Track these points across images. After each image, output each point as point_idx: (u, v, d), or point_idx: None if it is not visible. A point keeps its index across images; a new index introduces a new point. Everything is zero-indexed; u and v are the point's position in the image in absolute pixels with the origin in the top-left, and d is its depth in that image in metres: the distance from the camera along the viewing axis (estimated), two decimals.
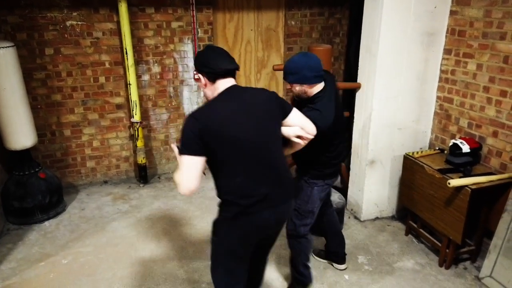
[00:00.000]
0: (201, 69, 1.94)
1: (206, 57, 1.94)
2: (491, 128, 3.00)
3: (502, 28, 2.82)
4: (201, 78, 1.95)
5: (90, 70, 4.05)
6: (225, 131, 1.82)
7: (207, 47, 2.02)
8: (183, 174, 1.79)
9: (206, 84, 1.94)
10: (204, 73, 1.93)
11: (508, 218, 2.70)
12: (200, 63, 1.94)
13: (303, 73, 2.26)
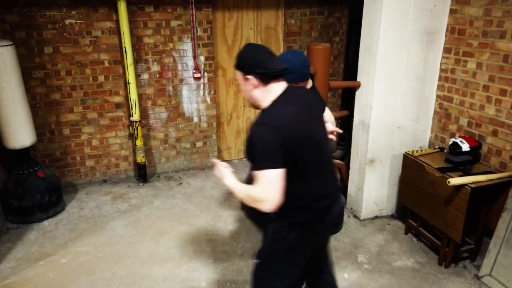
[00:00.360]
0: (252, 70, 1.78)
1: (257, 57, 1.80)
2: (490, 127, 3.00)
3: (502, 26, 2.82)
4: (252, 79, 1.79)
5: (89, 69, 4.04)
6: (301, 135, 1.75)
7: (249, 46, 1.88)
8: (269, 189, 1.66)
9: (256, 86, 1.80)
10: (255, 74, 1.78)
11: (508, 217, 2.70)
12: (250, 63, 1.79)
13: (302, 70, 2.25)
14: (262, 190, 1.68)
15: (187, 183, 4.43)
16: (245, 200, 1.78)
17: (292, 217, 1.84)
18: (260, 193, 1.69)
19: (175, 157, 4.68)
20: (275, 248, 1.95)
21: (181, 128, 4.59)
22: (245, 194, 1.76)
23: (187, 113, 4.53)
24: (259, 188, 1.69)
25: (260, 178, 1.68)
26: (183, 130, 4.60)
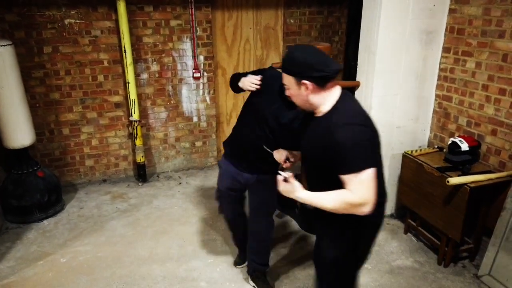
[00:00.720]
0: (308, 74, 1.67)
1: (311, 59, 1.68)
2: (490, 126, 3.00)
3: (501, 26, 2.82)
4: (307, 84, 1.68)
5: (89, 69, 4.04)
6: (378, 132, 1.75)
7: (298, 47, 1.80)
8: (369, 190, 1.61)
9: (312, 90, 1.69)
10: (312, 78, 1.67)
11: (507, 216, 2.70)
12: (304, 67, 1.67)
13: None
14: (363, 192, 1.61)
15: (186, 183, 4.43)
16: (338, 209, 1.66)
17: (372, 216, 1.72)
18: (362, 196, 1.61)
19: (175, 157, 4.68)
20: (344, 257, 1.90)
21: (180, 128, 4.59)
22: (339, 202, 1.64)
23: (186, 112, 4.53)
24: (360, 191, 1.60)
25: (358, 180, 1.60)
26: (183, 129, 4.60)
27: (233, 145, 2.53)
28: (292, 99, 1.83)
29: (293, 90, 1.76)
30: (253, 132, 2.34)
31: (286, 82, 1.77)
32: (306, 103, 1.76)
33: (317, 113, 1.78)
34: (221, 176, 2.62)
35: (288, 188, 1.75)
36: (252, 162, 2.45)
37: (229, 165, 2.54)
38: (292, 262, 3.10)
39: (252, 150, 2.38)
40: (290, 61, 1.73)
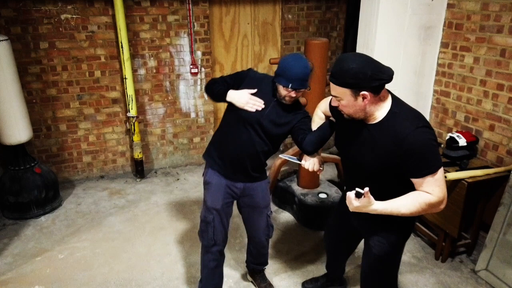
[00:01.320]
0: (367, 84, 1.62)
1: (371, 68, 1.63)
2: (487, 121, 3.00)
3: (499, 21, 2.81)
4: (366, 95, 1.64)
5: (86, 64, 4.02)
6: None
7: (349, 57, 1.68)
8: (443, 187, 1.69)
9: (370, 99, 1.66)
10: (371, 89, 1.63)
11: (504, 211, 2.70)
12: (365, 78, 1.61)
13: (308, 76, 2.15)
14: (440, 191, 1.68)
15: (184, 179, 4.43)
16: (416, 212, 1.70)
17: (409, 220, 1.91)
18: (439, 195, 1.68)
19: (173, 153, 4.67)
20: (401, 247, 2.04)
21: (178, 124, 4.58)
22: (417, 206, 1.68)
23: (184, 108, 4.52)
24: (437, 190, 1.67)
25: (434, 180, 1.66)
26: (180, 125, 4.59)
27: (224, 155, 2.31)
28: (342, 110, 1.78)
29: (347, 101, 1.70)
30: (250, 139, 2.21)
31: (339, 94, 1.71)
32: (360, 112, 1.73)
33: (370, 120, 1.76)
34: (213, 193, 2.35)
35: (364, 203, 1.69)
36: (247, 171, 2.32)
37: (220, 178, 2.33)
38: (290, 258, 3.11)
39: (249, 158, 2.27)
40: (346, 73, 1.64)
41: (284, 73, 2.07)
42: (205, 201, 2.40)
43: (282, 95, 2.13)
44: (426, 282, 2.84)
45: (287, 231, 3.45)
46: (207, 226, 2.40)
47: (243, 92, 2.18)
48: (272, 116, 2.18)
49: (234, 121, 2.25)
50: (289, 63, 2.07)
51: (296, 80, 2.05)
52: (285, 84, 2.07)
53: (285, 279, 2.88)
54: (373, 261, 2.07)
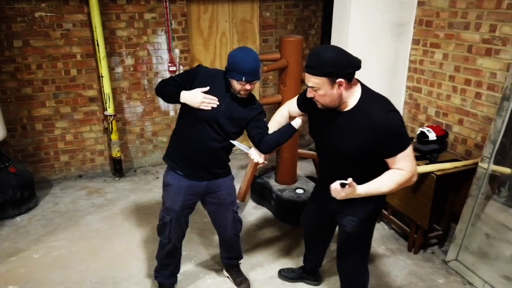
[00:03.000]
0: (343, 72, 1.74)
1: (345, 56, 1.76)
2: (457, 116, 3.08)
3: (466, 18, 2.90)
4: (342, 82, 1.75)
5: (61, 63, 3.98)
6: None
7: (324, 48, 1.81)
8: (414, 161, 1.85)
9: (345, 87, 1.78)
10: (345, 76, 1.75)
11: (472, 203, 2.79)
12: (340, 66, 1.73)
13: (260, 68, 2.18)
14: (412, 165, 1.83)
15: None
16: (394, 189, 1.86)
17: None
18: (411, 169, 1.83)
19: (152, 151, 4.66)
20: (372, 223, 2.17)
21: (157, 122, 4.57)
22: (395, 183, 1.83)
23: (163, 106, 4.51)
24: (409, 165, 1.82)
25: (406, 156, 1.81)
26: (160, 124, 4.59)
27: (184, 156, 2.31)
28: (318, 100, 1.86)
29: (324, 90, 1.79)
30: (208, 137, 2.23)
31: (316, 84, 1.79)
32: (336, 101, 1.82)
33: (343, 108, 1.87)
34: (172, 195, 2.36)
35: (350, 191, 1.78)
36: (210, 168, 2.34)
37: (181, 179, 2.34)
38: (267, 252, 3.14)
39: (210, 155, 2.28)
40: (324, 63, 1.74)
41: (236, 68, 2.08)
42: (164, 202, 2.43)
43: (237, 90, 2.15)
44: (399, 273, 2.91)
45: (264, 227, 3.49)
46: (164, 225, 2.44)
47: (196, 91, 2.15)
48: (228, 112, 2.20)
49: (190, 121, 2.23)
50: (239, 57, 2.09)
51: (248, 72, 2.07)
52: (238, 78, 2.08)
53: (261, 274, 2.92)
54: (347, 239, 2.17)
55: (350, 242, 2.18)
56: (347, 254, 2.24)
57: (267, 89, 4.94)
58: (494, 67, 2.76)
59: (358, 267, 2.26)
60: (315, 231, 2.53)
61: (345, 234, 2.16)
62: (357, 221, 2.10)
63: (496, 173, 2.65)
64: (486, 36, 2.77)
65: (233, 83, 2.14)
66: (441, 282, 2.82)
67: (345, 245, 2.22)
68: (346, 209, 2.10)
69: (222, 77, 2.22)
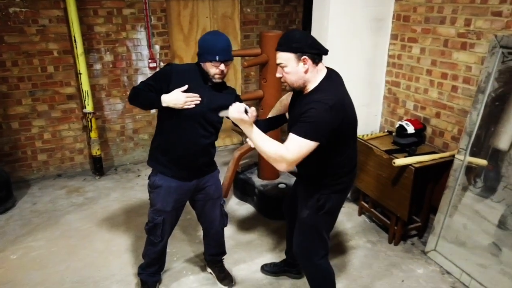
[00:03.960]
0: (308, 50, 1.86)
1: (308, 38, 1.89)
2: (434, 109, 3.14)
3: (442, 12, 2.95)
4: (307, 60, 1.86)
5: (37, 59, 3.89)
6: (353, 116, 1.98)
7: (295, 30, 1.94)
8: (298, 155, 1.79)
9: (309, 66, 1.88)
10: (310, 54, 1.87)
11: (450, 194, 2.85)
12: (304, 44, 1.86)
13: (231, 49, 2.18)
14: (294, 154, 1.78)
15: (145, 175, 4.35)
16: (268, 154, 1.80)
17: (333, 185, 2.08)
18: (290, 156, 1.78)
19: (133, 149, 4.61)
20: (320, 214, 2.13)
21: (138, 119, 4.52)
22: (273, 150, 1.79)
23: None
24: (292, 151, 1.78)
25: (297, 141, 1.78)
26: (141, 121, 4.53)
27: (173, 158, 2.26)
28: (285, 78, 1.95)
29: (291, 67, 1.89)
30: (197, 134, 2.21)
31: (284, 60, 1.90)
32: (300, 80, 1.91)
33: (304, 91, 1.96)
34: (163, 196, 2.32)
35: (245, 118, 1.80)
36: (200, 166, 2.34)
37: (171, 181, 2.29)
38: (250, 248, 3.15)
39: (200, 153, 2.28)
40: (292, 39, 1.87)
41: (208, 49, 2.07)
42: (153, 203, 2.37)
43: (212, 73, 2.12)
44: (380, 265, 2.96)
45: (248, 222, 3.49)
46: (155, 226, 2.40)
47: (176, 92, 2.08)
48: (211, 104, 2.18)
49: (175, 122, 2.18)
50: (209, 39, 2.09)
51: (221, 51, 2.06)
52: (212, 59, 2.06)
53: (244, 269, 2.92)
54: (298, 224, 2.25)
55: (299, 226, 2.24)
56: (298, 238, 2.28)
57: (249, 85, 4.93)
58: (469, 61, 2.81)
59: (311, 255, 2.26)
60: (291, 218, 2.58)
61: (298, 219, 2.25)
62: (304, 207, 2.18)
63: (472, 164, 2.71)
64: (461, 30, 2.83)
65: (207, 67, 2.12)
66: (421, 272, 2.87)
67: (297, 230, 2.27)
68: (303, 194, 2.22)
69: (196, 70, 2.19)
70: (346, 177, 2.11)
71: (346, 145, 2.04)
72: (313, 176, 2.13)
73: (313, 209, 2.12)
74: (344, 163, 2.07)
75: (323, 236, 2.20)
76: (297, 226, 2.27)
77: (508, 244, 2.48)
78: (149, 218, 2.44)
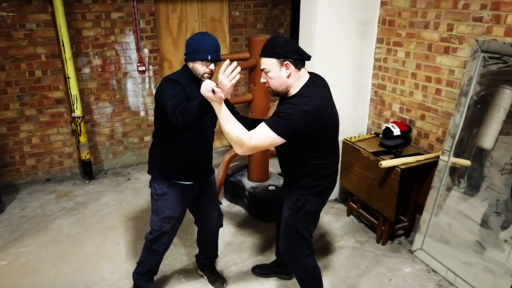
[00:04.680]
0: (290, 56, 1.90)
1: (290, 43, 1.93)
2: (419, 111, 3.21)
3: (426, 17, 3.02)
4: (289, 65, 1.90)
5: (25, 64, 3.87)
6: (332, 121, 2.03)
7: (277, 36, 1.95)
8: (259, 143, 1.81)
9: (292, 72, 1.92)
10: (292, 60, 1.91)
11: (435, 194, 2.92)
12: (287, 49, 1.90)
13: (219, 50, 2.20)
14: (256, 140, 1.81)
15: (136, 178, 4.38)
16: (231, 136, 1.77)
17: (311, 187, 2.12)
18: (251, 140, 1.80)
19: (123, 153, 4.61)
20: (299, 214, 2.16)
21: (127, 123, 4.52)
22: (236, 133, 1.77)
23: (133, 107, 4.47)
24: (255, 137, 1.81)
25: (263, 131, 1.82)
26: (130, 124, 4.53)
27: (180, 163, 2.25)
28: (269, 84, 1.98)
29: (273, 72, 1.93)
30: (205, 137, 2.28)
31: (267, 65, 1.94)
32: (283, 85, 1.96)
33: (287, 96, 2.01)
34: (171, 202, 2.31)
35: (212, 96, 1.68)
36: (203, 168, 2.37)
37: (178, 186, 2.29)
38: (241, 250, 3.18)
39: (204, 154, 2.33)
40: (275, 45, 1.92)
41: (198, 49, 2.06)
42: (161, 211, 2.33)
43: (201, 72, 2.10)
44: (368, 265, 3.02)
45: (238, 225, 3.53)
46: (162, 234, 2.39)
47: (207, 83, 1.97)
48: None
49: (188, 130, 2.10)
50: (199, 39, 2.09)
51: (213, 50, 2.06)
52: (203, 57, 2.05)
53: (235, 271, 2.95)
54: (283, 224, 2.29)
55: (284, 226, 2.28)
56: (284, 239, 2.32)
57: (238, 87, 4.97)
58: (452, 65, 2.89)
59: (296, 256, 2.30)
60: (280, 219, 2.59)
61: (283, 221, 2.29)
62: (285, 208, 2.22)
63: (456, 165, 2.79)
64: (444, 34, 2.91)
65: (196, 67, 2.09)
66: (408, 271, 2.94)
67: (282, 230, 2.32)
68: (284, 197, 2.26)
69: (185, 74, 2.16)
70: (323, 180, 2.14)
71: (325, 150, 2.07)
72: (290, 176, 2.20)
73: (293, 209, 2.17)
74: (323, 167, 2.10)
75: (305, 236, 2.24)
76: (282, 226, 2.32)
77: (491, 242, 2.56)
78: (155, 227, 2.38)
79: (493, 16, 2.56)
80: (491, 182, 2.56)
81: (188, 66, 2.16)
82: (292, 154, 2.04)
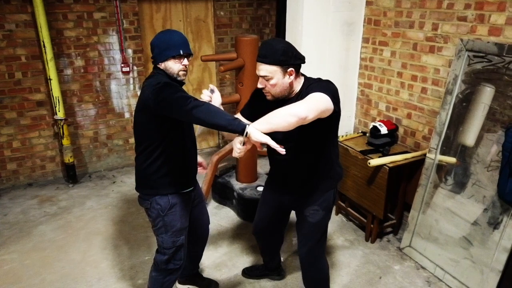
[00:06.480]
0: (294, 62, 1.85)
1: (293, 48, 1.87)
2: (405, 110, 3.25)
3: (411, 17, 3.06)
4: (293, 71, 1.86)
5: (4, 66, 3.76)
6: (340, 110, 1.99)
7: (274, 40, 1.88)
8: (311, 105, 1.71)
9: (295, 77, 1.89)
10: (295, 65, 1.86)
11: (422, 192, 2.96)
12: (290, 56, 1.84)
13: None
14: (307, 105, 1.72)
15: (121, 181, 4.30)
16: (285, 117, 1.66)
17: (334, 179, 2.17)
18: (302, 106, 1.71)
19: (107, 155, 4.52)
20: (330, 210, 2.20)
21: (112, 125, 4.43)
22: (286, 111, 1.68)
23: (117, 108, 4.38)
24: (306, 103, 1.74)
25: (315, 96, 1.77)
26: (114, 126, 4.45)
27: (186, 172, 2.19)
28: (269, 90, 1.90)
29: (276, 79, 1.86)
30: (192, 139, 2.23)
31: (270, 73, 1.85)
32: (285, 91, 1.91)
33: (289, 97, 1.96)
34: (181, 213, 2.18)
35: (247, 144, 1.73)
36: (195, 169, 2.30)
37: (182, 196, 2.19)
38: (231, 251, 3.16)
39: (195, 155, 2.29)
40: (276, 51, 1.82)
41: (168, 45, 1.94)
42: (171, 226, 2.16)
43: (176, 71, 1.98)
44: (358, 263, 3.03)
45: (227, 226, 3.50)
46: (177, 250, 2.23)
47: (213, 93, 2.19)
48: None
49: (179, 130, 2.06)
50: (166, 36, 1.98)
51: (182, 44, 1.96)
52: (176, 53, 1.94)
53: (225, 273, 2.93)
54: (310, 228, 2.21)
55: (312, 231, 2.22)
56: (310, 243, 2.27)
57: (224, 88, 4.94)
58: (437, 64, 2.93)
59: (320, 255, 2.31)
60: (268, 238, 2.55)
61: (308, 224, 2.19)
62: (319, 210, 2.15)
63: (442, 162, 2.83)
64: (429, 34, 2.94)
65: (169, 65, 1.97)
66: (397, 268, 2.97)
67: (308, 235, 2.25)
68: (307, 199, 2.15)
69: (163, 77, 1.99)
70: (340, 168, 2.21)
71: (336, 136, 2.14)
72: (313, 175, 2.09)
73: (328, 208, 2.17)
74: (337, 154, 2.19)
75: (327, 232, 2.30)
76: (306, 233, 2.24)
77: (477, 238, 2.61)
78: (167, 244, 2.20)
79: (477, 15, 2.60)
80: (477, 179, 2.61)
81: (159, 68, 2.01)
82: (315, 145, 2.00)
